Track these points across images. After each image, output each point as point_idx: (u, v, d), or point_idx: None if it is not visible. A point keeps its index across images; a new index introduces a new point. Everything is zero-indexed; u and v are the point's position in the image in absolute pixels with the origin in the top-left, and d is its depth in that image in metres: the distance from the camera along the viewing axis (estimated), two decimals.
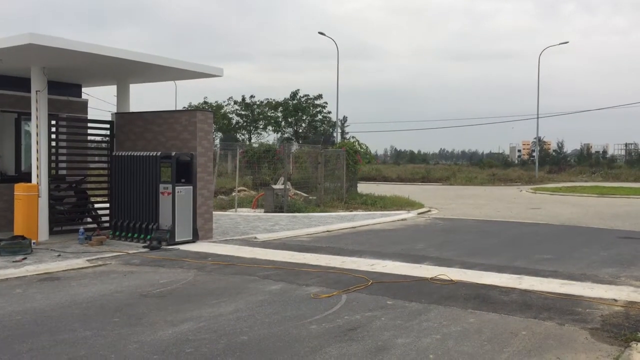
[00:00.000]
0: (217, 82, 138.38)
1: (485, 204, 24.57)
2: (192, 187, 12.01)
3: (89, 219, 13.70)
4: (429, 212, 20.37)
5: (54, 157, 12.59)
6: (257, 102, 60.23)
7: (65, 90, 14.02)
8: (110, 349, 5.49)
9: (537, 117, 53.86)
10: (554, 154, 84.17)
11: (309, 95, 58.97)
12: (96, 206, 13.85)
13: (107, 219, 13.29)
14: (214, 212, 13.57)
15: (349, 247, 12.17)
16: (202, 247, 11.63)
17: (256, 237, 13.17)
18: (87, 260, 10.00)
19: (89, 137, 14.65)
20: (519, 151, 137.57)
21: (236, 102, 60.13)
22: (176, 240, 11.68)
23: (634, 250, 12.05)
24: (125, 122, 13.49)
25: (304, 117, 59.63)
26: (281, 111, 59.58)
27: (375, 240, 13.34)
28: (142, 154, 12.20)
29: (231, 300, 7.43)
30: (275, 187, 20.55)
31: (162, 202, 11.77)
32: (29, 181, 11.86)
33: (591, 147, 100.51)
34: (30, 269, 9.19)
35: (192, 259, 10.29)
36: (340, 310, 6.95)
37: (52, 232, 12.31)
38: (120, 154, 12.67)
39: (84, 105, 14.99)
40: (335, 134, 55.37)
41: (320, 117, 59.91)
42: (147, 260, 10.24)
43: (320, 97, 58.82)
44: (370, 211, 20.13)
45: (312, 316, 6.66)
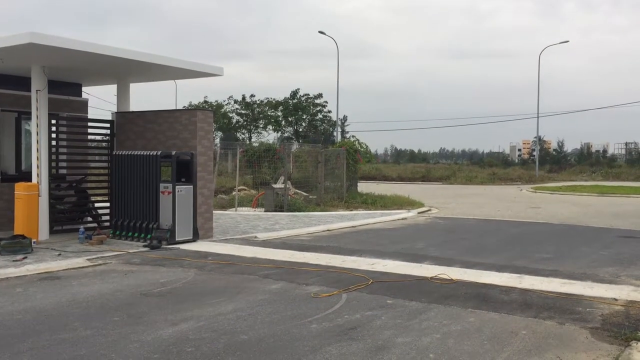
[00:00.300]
0: (217, 81, 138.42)
1: (485, 203, 24.57)
2: (192, 186, 12.02)
3: (89, 218, 13.70)
4: (429, 212, 20.37)
5: (54, 157, 12.59)
6: (257, 102, 60.33)
7: (65, 89, 14.02)
8: (110, 348, 5.50)
9: (538, 116, 53.93)
10: (554, 153, 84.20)
11: (309, 94, 59.08)
12: (96, 205, 13.86)
13: (107, 218, 13.29)
14: (214, 211, 13.57)
15: (349, 246, 12.17)
16: (203, 246, 11.63)
17: (256, 236, 13.17)
18: (88, 259, 10.01)
19: (89, 137, 14.64)
20: (519, 150, 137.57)
21: (236, 102, 60.23)
22: (176, 239, 11.69)
23: (634, 249, 12.05)
24: (125, 122, 13.49)
25: (304, 117, 59.67)
26: (281, 110, 59.63)
27: (375, 239, 13.35)
28: (142, 153, 12.21)
29: (231, 299, 7.43)
30: (275, 186, 20.57)
31: (162, 202, 11.78)
32: (30, 180, 11.86)
33: (591, 146, 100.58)
34: (30, 268, 9.20)
35: (192, 258, 10.29)
36: (340, 309, 6.95)
37: (52, 232, 12.32)
38: (120, 153, 12.68)
39: (84, 104, 15.00)
40: (335, 133, 55.41)
41: (320, 116, 60.00)
42: (147, 259, 10.24)
43: (320, 96, 58.91)
44: (370, 210, 20.13)
45: (312, 315, 6.66)
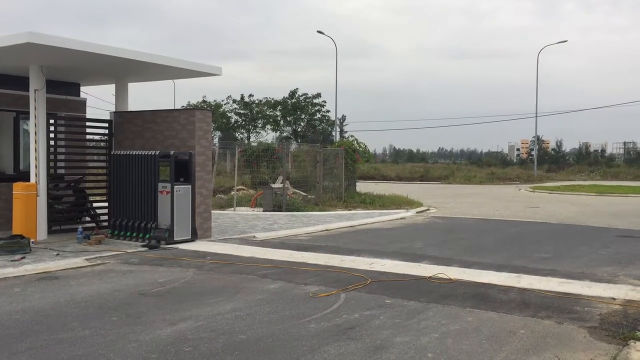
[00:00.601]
0: (216, 81, 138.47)
1: (484, 203, 24.59)
2: (190, 186, 12.01)
3: (87, 218, 13.69)
4: (428, 211, 20.38)
5: (52, 156, 12.58)
6: (256, 101, 60.28)
7: (63, 89, 14.00)
8: (109, 347, 5.50)
9: (536, 116, 53.96)
10: (553, 152, 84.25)
11: (307, 94, 59.06)
12: (95, 205, 13.85)
13: (105, 218, 13.29)
14: (212, 211, 13.56)
15: (348, 246, 12.17)
16: (201, 246, 11.63)
17: (255, 236, 13.17)
18: (86, 259, 10.00)
19: (88, 136, 14.63)
20: (518, 150, 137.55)
21: (235, 101, 60.18)
22: (175, 239, 11.68)
23: (632, 248, 12.06)
24: (123, 121, 13.48)
25: (303, 116, 59.64)
26: (280, 110, 59.60)
27: (373, 239, 13.35)
28: (140, 153, 12.20)
29: (230, 299, 7.43)
30: (274, 186, 20.57)
31: (160, 201, 11.77)
32: (28, 180, 11.84)
33: (590, 145, 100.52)
34: (28, 268, 9.19)
35: (190, 258, 10.29)
36: (339, 309, 6.95)
37: (50, 231, 12.31)
38: (118, 153, 12.67)
39: (83, 104, 14.98)
40: (334, 133, 55.47)
41: (319, 116, 59.97)
42: (145, 259, 10.24)
43: (319, 95, 58.88)
44: (369, 210, 20.14)
45: (310, 315, 6.66)
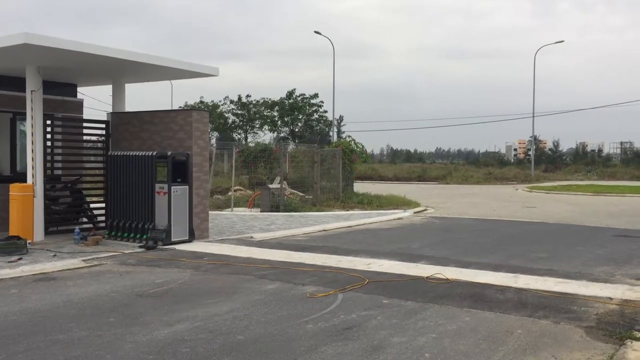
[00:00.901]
0: (213, 81, 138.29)
1: (481, 203, 24.62)
2: (188, 186, 12.00)
3: (84, 219, 13.66)
4: (425, 211, 20.40)
5: (49, 157, 12.56)
6: (253, 102, 60.30)
7: (60, 90, 13.97)
8: (106, 349, 5.49)
9: (533, 116, 53.98)
10: (550, 152, 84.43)
11: (305, 94, 59.09)
12: (92, 206, 13.82)
13: (102, 218, 13.26)
14: (210, 212, 13.56)
15: (345, 246, 12.17)
16: (198, 246, 11.62)
17: (252, 237, 13.17)
18: (83, 260, 9.99)
19: (85, 137, 14.60)
20: (515, 150, 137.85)
21: (232, 102, 60.19)
22: (172, 240, 11.67)
23: (628, 248, 12.09)
24: (120, 122, 13.46)
25: (300, 117, 59.66)
26: (277, 110, 59.61)
27: (371, 239, 13.36)
28: (138, 154, 12.19)
29: (227, 299, 7.43)
30: (271, 186, 20.56)
31: (158, 202, 11.76)
32: (25, 181, 11.83)
33: (587, 145, 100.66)
34: (25, 269, 9.17)
35: (188, 259, 10.28)
36: (336, 309, 6.95)
37: (47, 232, 12.29)
38: (116, 154, 12.66)
39: (80, 105, 14.96)
40: (331, 133, 55.44)
41: (316, 116, 59.98)
42: (143, 260, 10.23)
43: (316, 96, 58.92)
44: (366, 210, 20.15)
45: (308, 315, 6.66)
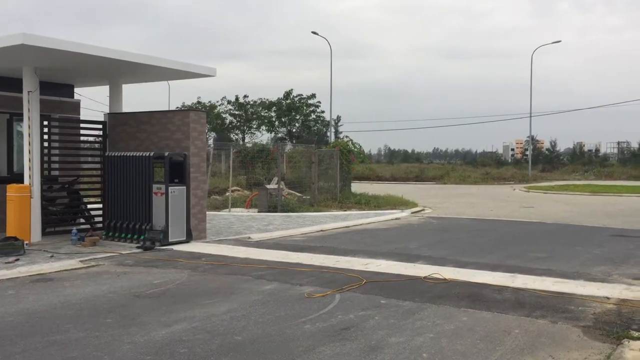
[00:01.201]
0: (212, 81, 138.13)
1: (478, 203, 24.64)
2: (185, 187, 11.99)
3: (81, 220, 13.65)
4: (423, 211, 20.41)
5: (46, 158, 12.54)
6: (251, 102, 60.26)
7: (57, 90, 13.96)
8: (103, 349, 5.48)
9: (530, 116, 54.15)
10: (547, 152, 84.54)
11: (302, 94, 59.08)
12: (89, 207, 13.81)
13: (100, 219, 13.24)
14: (207, 212, 13.55)
15: (343, 246, 12.17)
16: (196, 247, 11.61)
17: (250, 237, 13.16)
18: (80, 261, 9.97)
19: (82, 138, 14.60)
20: (512, 150, 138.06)
21: (230, 102, 60.13)
22: (170, 240, 11.66)
23: (626, 248, 12.11)
24: (118, 123, 13.45)
25: (298, 117, 59.65)
26: (275, 111, 59.60)
27: (368, 239, 13.36)
28: (135, 154, 12.18)
29: (225, 300, 7.42)
30: (269, 186, 20.54)
31: (155, 203, 11.75)
32: (22, 182, 11.81)
33: (584, 145, 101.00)
34: (22, 270, 9.15)
35: (185, 259, 10.27)
36: (334, 309, 6.95)
37: (44, 233, 12.27)
38: (113, 155, 12.64)
39: (77, 105, 14.94)
40: (329, 134, 55.46)
41: (313, 116, 59.98)
42: (140, 260, 10.21)
43: (313, 96, 58.93)
44: (364, 210, 20.15)
45: (305, 316, 6.66)
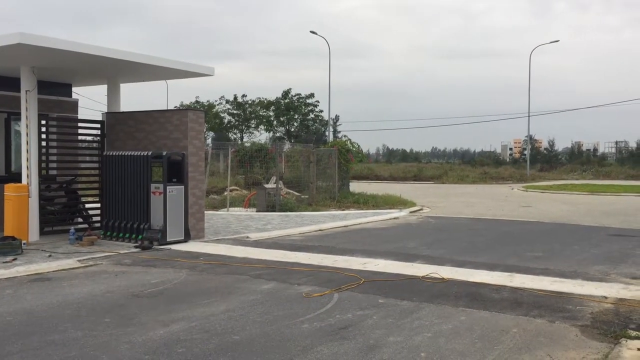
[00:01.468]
0: (211, 81, 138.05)
1: (476, 202, 24.66)
2: (183, 186, 11.98)
3: (79, 219, 13.63)
4: (421, 211, 20.42)
5: (44, 157, 12.51)
6: (249, 102, 60.24)
7: (55, 90, 13.95)
8: (101, 349, 5.48)
9: (529, 116, 54.21)
10: (545, 152, 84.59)
11: (300, 94, 59.07)
12: (87, 206, 13.79)
13: (98, 219, 13.24)
14: (205, 212, 13.55)
15: (341, 246, 12.18)
16: (194, 246, 11.61)
17: (248, 237, 13.16)
18: (78, 260, 9.97)
19: (80, 137, 14.58)
20: (511, 149, 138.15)
21: (228, 102, 60.10)
22: (168, 240, 11.65)
23: (623, 247, 12.12)
24: (116, 122, 13.44)
25: (296, 116, 59.65)
26: (273, 110, 59.58)
27: (367, 239, 13.36)
28: (133, 154, 12.17)
29: (223, 299, 7.42)
30: (267, 186, 20.55)
31: (153, 202, 11.74)
32: (19, 181, 11.79)
33: (582, 145, 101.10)
34: (20, 269, 9.14)
35: (183, 259, 10.27)
36: (332, 309, 6.95)
37: (42, 233, 12.26)
38: (111, 154, 12.63)
39: (75, 104, 14.93)
40: (327, 133, 55.44)
41: (312, 116, 59.98)
42: (138, 260, 10.21)
43: (312, 96, 58.93)
44: (362, 210, 20.15)
45: (304, 315, 6.66)
